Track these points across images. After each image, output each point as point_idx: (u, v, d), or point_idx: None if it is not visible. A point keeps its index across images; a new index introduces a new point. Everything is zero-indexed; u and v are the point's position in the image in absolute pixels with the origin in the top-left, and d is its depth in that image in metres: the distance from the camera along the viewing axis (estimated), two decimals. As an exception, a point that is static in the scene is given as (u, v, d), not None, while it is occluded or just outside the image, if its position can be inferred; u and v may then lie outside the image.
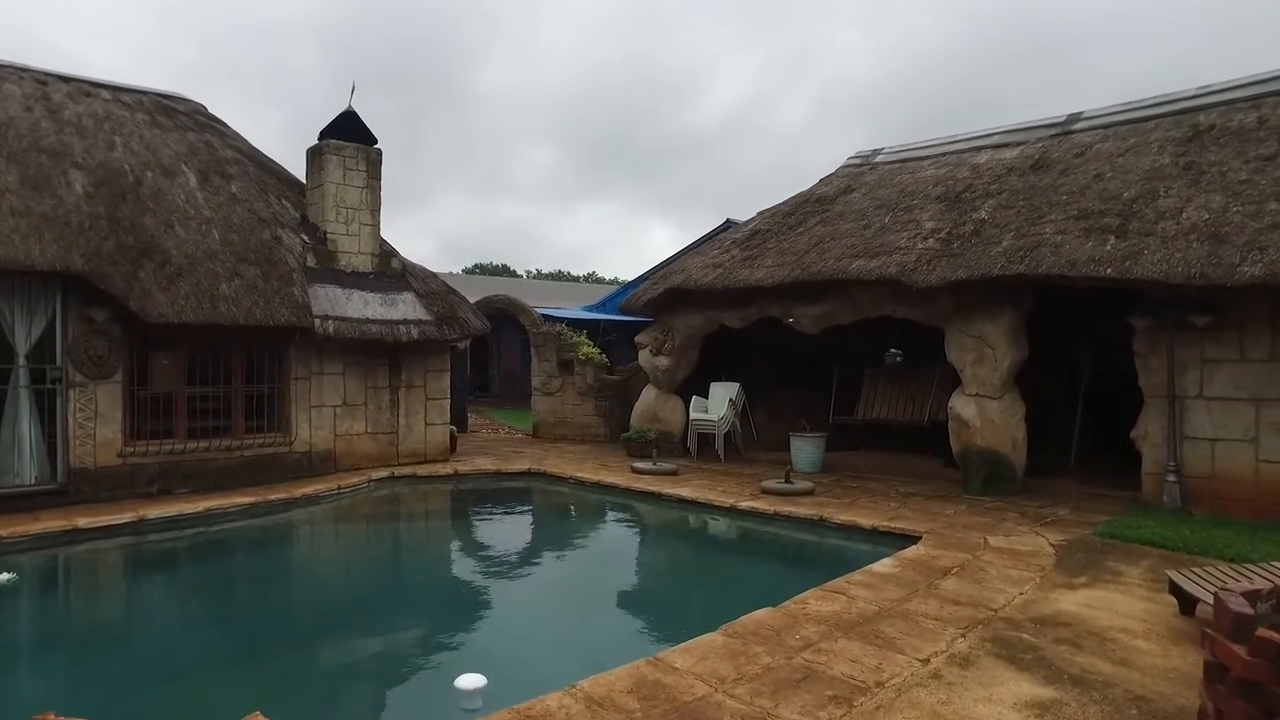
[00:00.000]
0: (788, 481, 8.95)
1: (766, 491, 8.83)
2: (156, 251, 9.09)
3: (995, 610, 4.74)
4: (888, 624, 4.47)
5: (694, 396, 12.44)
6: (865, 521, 7.25)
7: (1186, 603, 4.68)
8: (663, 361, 12.55)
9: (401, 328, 10.87)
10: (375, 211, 11.36)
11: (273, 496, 8.74)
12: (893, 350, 9.93)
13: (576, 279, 68.03)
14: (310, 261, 10.55)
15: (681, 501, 8.77)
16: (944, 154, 12.33)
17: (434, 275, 12.04)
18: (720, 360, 13.12)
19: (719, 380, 12.70)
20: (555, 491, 10.34)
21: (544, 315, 16.60)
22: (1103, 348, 10.29)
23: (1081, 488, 9.08)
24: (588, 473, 10.40)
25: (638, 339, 13.02)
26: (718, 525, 8.31)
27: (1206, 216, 7.63)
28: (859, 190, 12.27)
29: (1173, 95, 10.48)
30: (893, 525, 7.06)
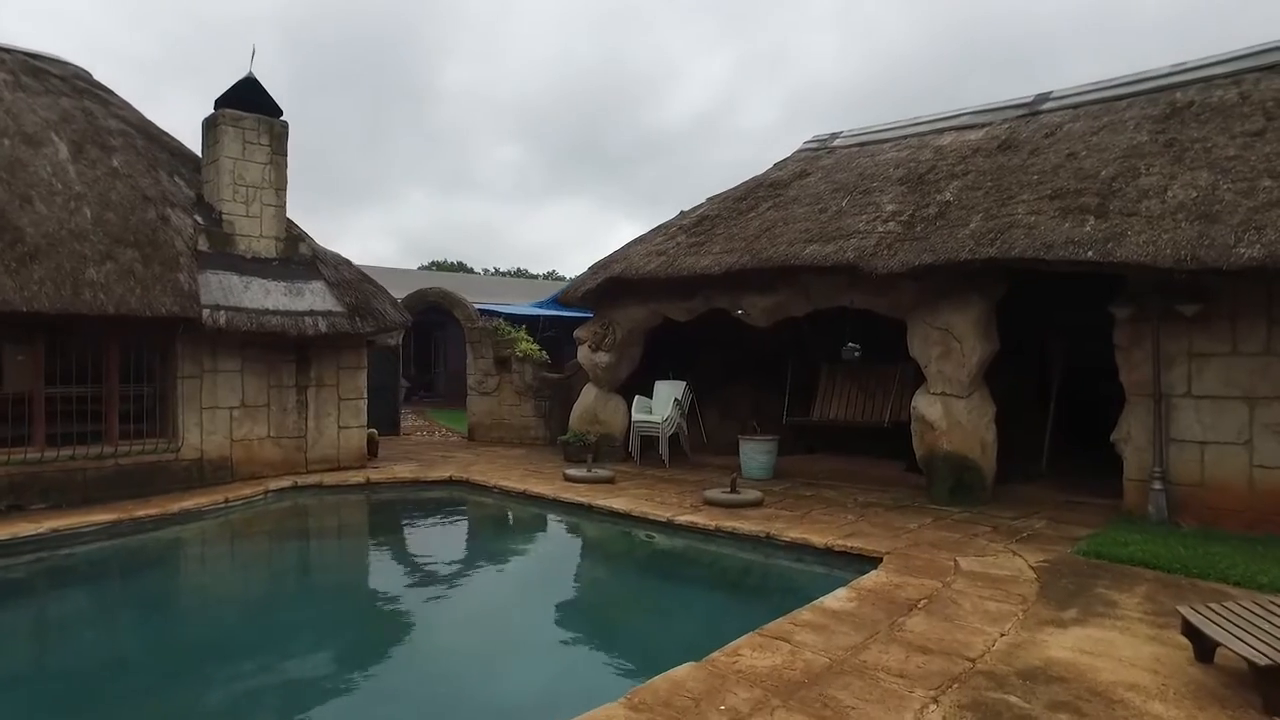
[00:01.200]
0: (733, 491, 8.00)
1: (710, 502, 7.87)
2: (7, 230, 7.84)
3: (973, 660, 3.82)
4: (840, 685, 3.51)
5: (637, 396, 11.45)
6: (818, 539, 6.32)
7: (1204, 647, 3.81)
8: (602, 358, 11.54)
9: (308, 320, 9.72)
10: (280, 191, 10.18)
11: (142, 513, 7.55)
12: (850, 344, 9.06)
13: (536, 277, 66.76)
14: (203, 245, 9.35)
15: (613, 515, 7.78)
16: (905, 136, 11.51)
17: (348, 263, 10.89)
18: (668, 357, 12.15)
19: (665, 378, 11.73)
20: (475, 503, 9.29)
21: (482, 310, 15.50)
22: (1075, 340, 9.53)
23: (1057, 495, 8.27)
24: (514, 481, 9.35)
25: (576, 333, 12.00)
26: (651, 544, 7.33)
27: (1195, 195, 6.84)
28: (815, 174, 11.39)
29: (1146, 73, 9.76)
30: (849, 544, 6.13)
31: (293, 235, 10.38)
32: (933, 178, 9.54)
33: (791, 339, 11.64)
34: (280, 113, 10.25)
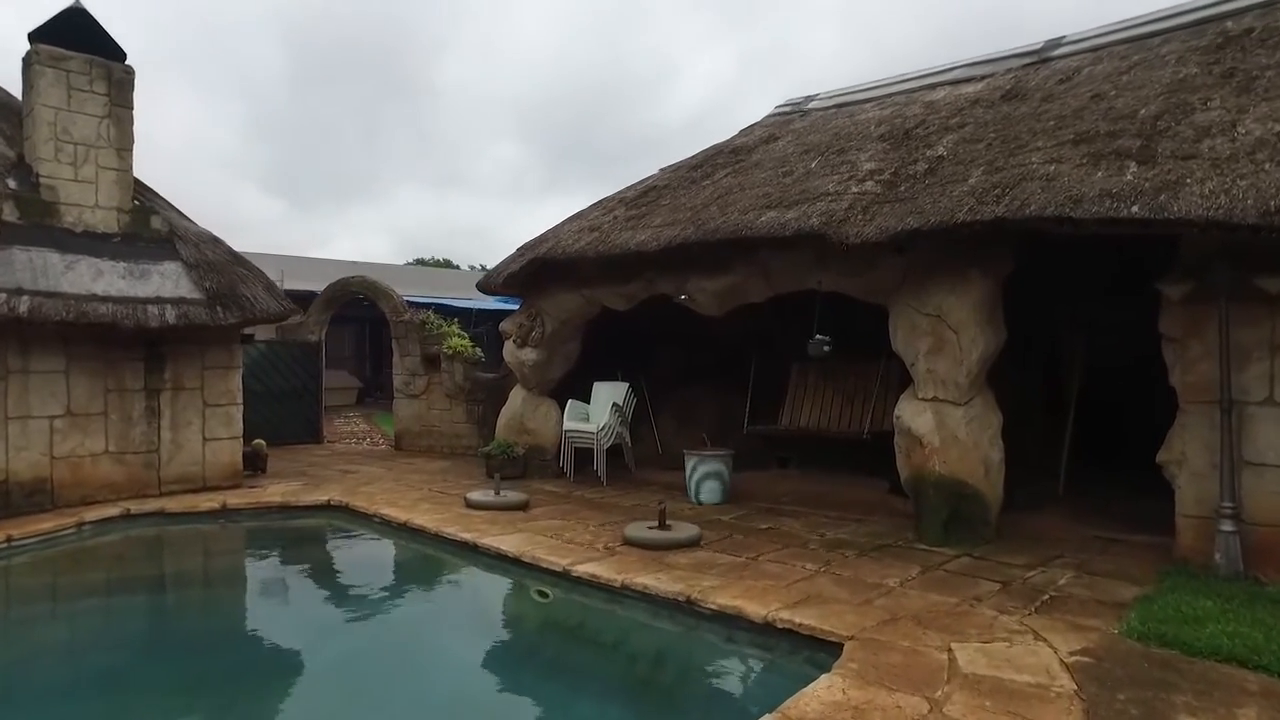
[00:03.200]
0: (662, 526, 6.16)
1: (630, 542, 6.04)
2: None
3: None
4: None
5: (570, 401, 9.60)
6: (756, 608, 4.46)
7: None
8: (529, 355, 9.69)
9: (151, 308, 7.84)
10: (124, 152, 8.29)
11: None
12: (818, 337, 7.22)
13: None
14: (9, 214, 7.47)
15: (501, 559, 5.93)
16: (890, 95, 9.70)
17: (217, 241, 8.99)
18: (616, 354, 10.31)
19: (610, 379, 9.89)
20: (340, 540, 7.45)
21: (411, 302, 13.61)
22: (1099, 332, 7.73)
23: (1080, 529, 6.44)
24: (402, 508, 7.48)
25: (501, 326, 10.15)
26: (537, 607, 5.48)
27: (1279, 129, 5.02)
28: (785, 138, 9.56)
29: (1184, 6, 7.95)
30: (798, 618, 4.27)
31: (143, 207, 8.50)
32: (921, 133, 7.72)
33: (759, 331, 9.81)
34: (124, 56, 8.35)
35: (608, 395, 9.59)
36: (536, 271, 9.32)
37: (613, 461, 9.54)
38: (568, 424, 9.40)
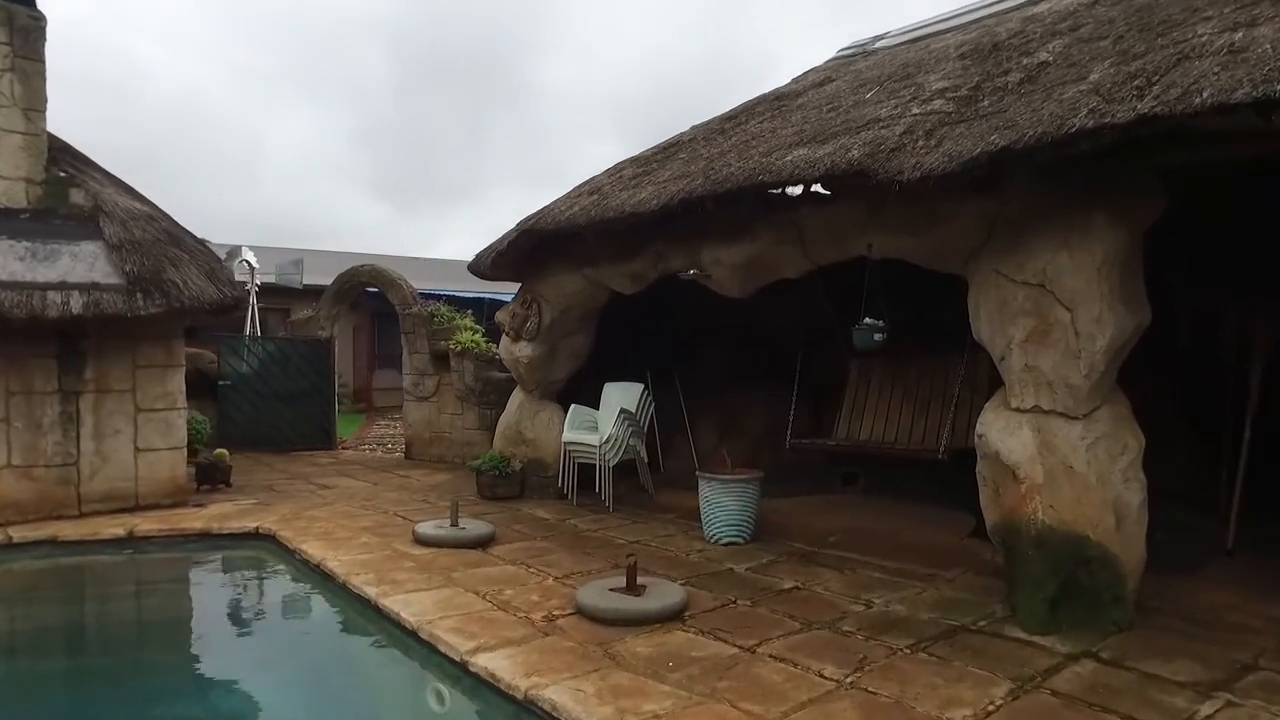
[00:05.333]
0: (630, 588, 4.33)
1: (582, 611, 4.23)
2: None
3: None
4: None
5: (573, 406, 7.86)
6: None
7: None
8: (525, 350, 7.99)
9: (52, 296, 6.53)
10: (33, 113, 7.03)
11: None
12: (867, 322, 5.22)
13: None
14: (-114, 183, 6.28)
15: (402, 631, 4.22)
16: (982, 19, 7.59)
17: (154, 219, 7.61)
18: (645, 350, 8.58)
19: (622, 380, 8.10)
20: (244, 580, 6.01)
21: (428, 294, 12.13)
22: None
23: (1269, 609, 4.23)
24: (331, 542, 5.88)
25: (496, 317, 8.51)
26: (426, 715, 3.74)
27: None
28: (842, 79, 7.54)
29: None
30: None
31: (59, 178, 7.24)
32: (1016, 43, 5.61)
33: (815, 322, 7.84)
34: (33, 1, 7.10)
35: (619, 399, 7.80)
36: (530, 249, 7.62)
37: (631, 479, 7.77)
38: (568, 434, 7.66)
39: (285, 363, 12.04)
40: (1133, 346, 4.12)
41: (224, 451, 8.54)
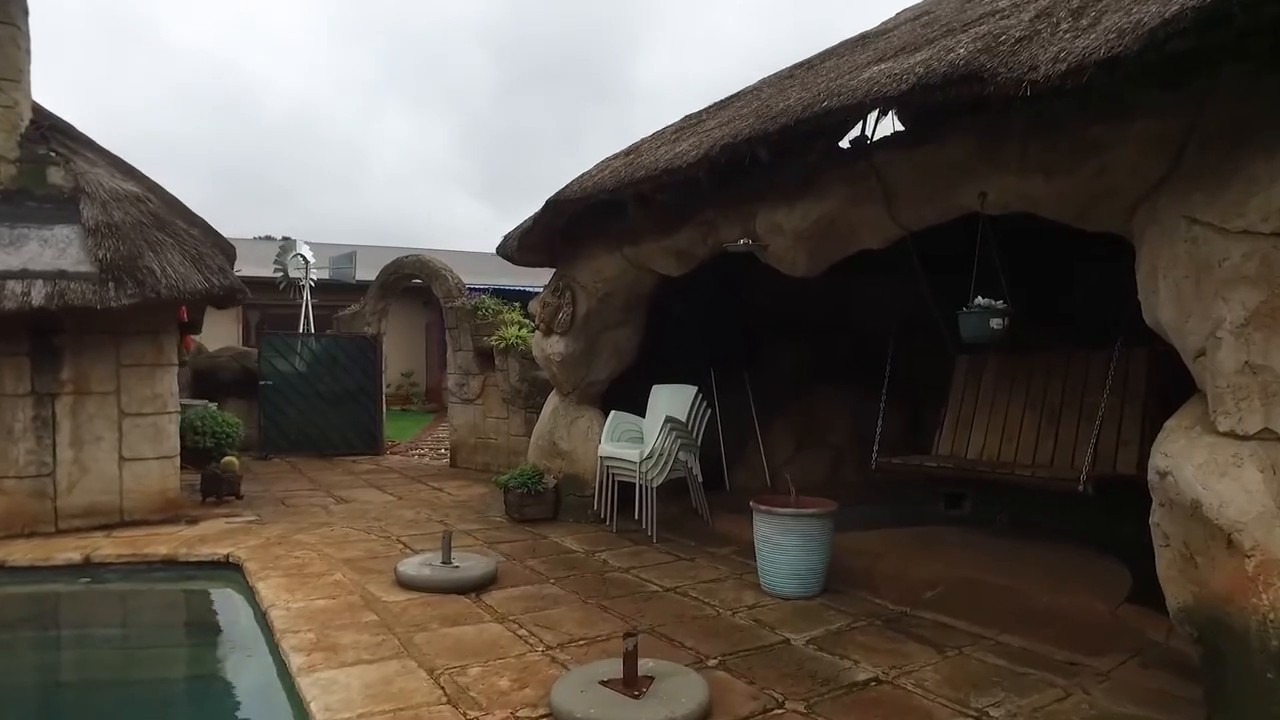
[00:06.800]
0: (627, 684, 3.02)
1: (557, 716, 2.95)
2: None
3: None
4: None
5: (613, 412, 6.60)
6: None
7: None
8: (557, 346, 6.78)
9: (12, 285, 5.75)
10: (7, 84, 6.29)
11: None
12: (982, 303, 3.74)
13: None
14: None
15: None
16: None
17: (142, 199, 6.74)
18: (708, 345, 7.31)
19: (678, 381, 6.77)
20: (158, 639, 4.92)
21: (476, 289, 11.08)
22: None
23: None
24: (297, 578, 4.79)
25: (529, 308, 7.34)
26: None
27: None
28: (943, 7, 5.99)
29: None
30: None
31: (37, 155, 6.47)
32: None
33: (911, 311, 6.30)
34: (8, -46, 6.36)
35: (667, 405, 6.48)
36: (562, 227, 6.41)
37: (683, 499, 6.46)
38: (605, 447, 6.40)
39: (331, 362, 11.28)
40: None
41: (233, 459, 7.68)
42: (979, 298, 3.75)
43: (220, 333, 15.55)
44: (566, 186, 6.01)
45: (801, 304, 7.13)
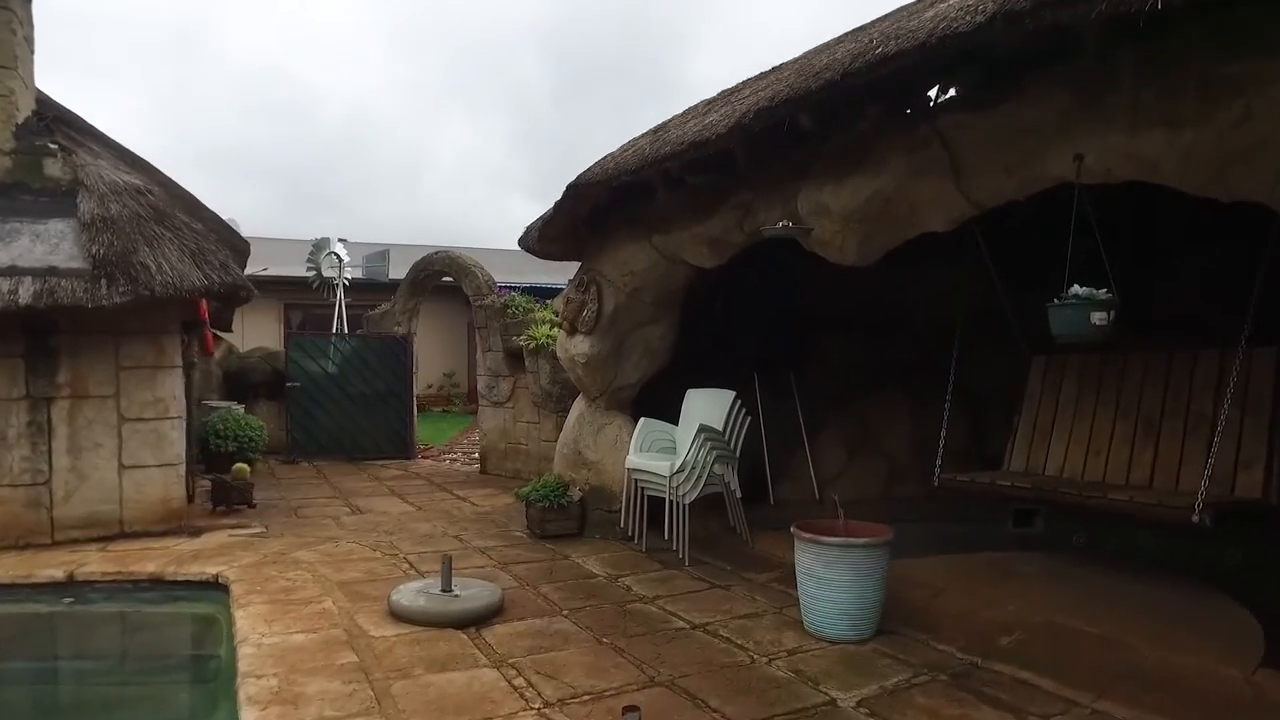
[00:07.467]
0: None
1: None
2: None
3: None
4: None
5: (643, 420, 5.99)
6: None
7: None
8: (581, 346, 6.19)
9: (1, 283, 5.38)
10: (4, 70, 5.95)
11: None
12: (1080, 293, 3.04)
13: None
14: None
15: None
16: None
17: (143, 192, 6.35)
18: (753, 345, 6.69)
19: (717, 385, 6.11)
20: (113, 674, 4.45)
21: (508, 287, 10.56)
22: None
23: None
24: (281, 605, 4.29)
25: (554, 305, 6.77)
26: None
27: None
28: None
29: None
30: None
31: (34, 147, 6.13)
32: None
33: (979, 306, 5.52)
34: (3, -67, 6.02)
35: (701, 411, 5.85)
36: (586, 215, 5.83)
37: (721, 514, 5.83)
38: (632, 458, 5.80)
39: (360, 364, 10.91)
40: None
41: (244, 466, 7.30)
42: (1075, 286, 3.03)
43: (261, 333, 15.41)
44: (588, 169, 5.42)
45: (854, 298, 6.43)
